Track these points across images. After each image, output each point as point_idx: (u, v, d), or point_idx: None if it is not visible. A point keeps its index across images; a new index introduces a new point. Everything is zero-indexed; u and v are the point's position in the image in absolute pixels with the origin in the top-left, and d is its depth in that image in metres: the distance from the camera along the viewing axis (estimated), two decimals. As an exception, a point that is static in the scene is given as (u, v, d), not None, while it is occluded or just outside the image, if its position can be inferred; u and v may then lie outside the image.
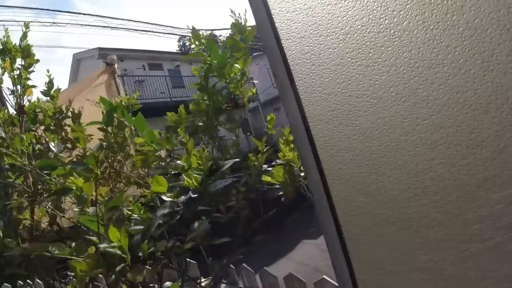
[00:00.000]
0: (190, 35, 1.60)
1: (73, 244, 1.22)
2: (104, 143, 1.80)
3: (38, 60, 1.45)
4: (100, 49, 12.03)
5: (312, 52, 0.56)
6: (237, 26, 1.54)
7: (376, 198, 0.52)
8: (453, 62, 0.43)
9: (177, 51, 24.55)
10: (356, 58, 0.50)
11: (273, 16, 0.61)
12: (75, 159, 1.86)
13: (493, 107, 0.41)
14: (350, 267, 0.58)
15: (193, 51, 1.79)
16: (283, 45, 0.60)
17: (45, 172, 1.28)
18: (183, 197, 1.25)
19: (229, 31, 1.66)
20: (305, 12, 0.55)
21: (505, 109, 0.40)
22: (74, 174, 1.23)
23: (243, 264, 1.36)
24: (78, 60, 13.88)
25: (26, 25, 1.38)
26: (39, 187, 1.60)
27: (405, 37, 0.46)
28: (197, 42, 1.57)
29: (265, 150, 1.93)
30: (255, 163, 1.80)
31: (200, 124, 1.83)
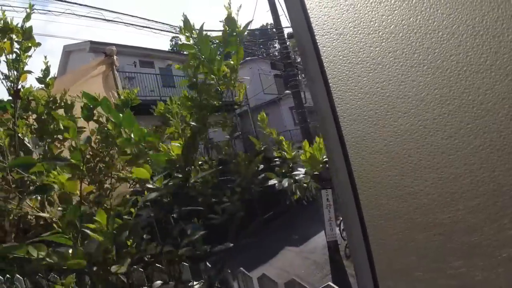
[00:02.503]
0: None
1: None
2: (98, 137, 1.74)
3: (39, 44, 1.39)
4: (91, 42, 11.79)
5: (350, 49, 0.55)
6: (230, 20, 1.44)
7: (409, 202, 0.51)
8: (500, 69, 0.43)
9: (169, 50, 24.42)
10: (399, 58, 0.49)
11: (309, 11, 0.60)
12: (67, 151, 1.79)
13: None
14: (374, 272, 0.57)
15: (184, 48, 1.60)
16: (317, 40, 0.59)
17: (21, 169, 1.14)
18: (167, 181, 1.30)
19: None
20: (345, 8, 0.55)
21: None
22: (58, 169, 1.12)
23: (241, 268, 1.33)
24: (68, 52, 13.55)
25: (31, 6, 1.33)
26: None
27: (453, 40, 0.45)
28: (187, 34, 1.44)
29: (262, 149, 1.90)
30: (246, 162, 1.74)
31: (192, 123, 1.73)
